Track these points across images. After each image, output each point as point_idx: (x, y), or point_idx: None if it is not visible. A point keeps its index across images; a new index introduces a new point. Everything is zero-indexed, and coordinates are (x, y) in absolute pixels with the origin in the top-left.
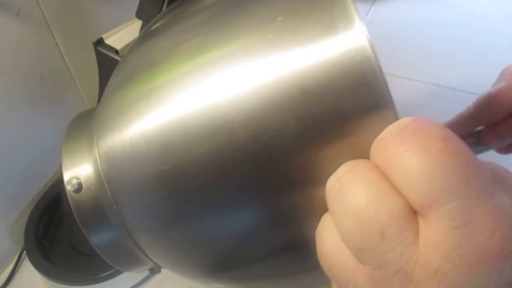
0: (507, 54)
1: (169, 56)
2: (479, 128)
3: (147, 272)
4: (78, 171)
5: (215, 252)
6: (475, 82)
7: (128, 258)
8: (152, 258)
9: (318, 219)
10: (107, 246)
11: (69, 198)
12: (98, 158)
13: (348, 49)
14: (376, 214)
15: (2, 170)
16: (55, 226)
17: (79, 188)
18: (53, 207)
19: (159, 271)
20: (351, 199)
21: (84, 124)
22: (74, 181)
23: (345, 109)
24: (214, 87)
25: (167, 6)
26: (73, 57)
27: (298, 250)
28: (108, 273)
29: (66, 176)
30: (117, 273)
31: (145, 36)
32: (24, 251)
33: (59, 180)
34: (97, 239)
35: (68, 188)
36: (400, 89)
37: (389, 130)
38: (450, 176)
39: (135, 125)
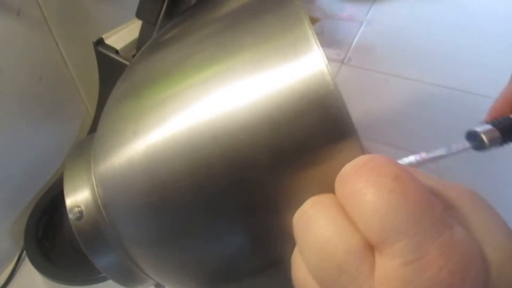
0: (507, 54)
1: (151, 85)
2: None
3: None
4: (79, 198)
5: (205, 271)
6: (475, 82)
7: (133, 278)
8: (153, 277)
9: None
10: (111, 269)
11: (72, 226)
12: (94, 184)
13: (311, 84)
14: (335, 251)
15: (2, 170)
16: (55, 226)
17: (80, 216)
18: (53, 207)
19: (164, 286)
20: (313, 235)
21: (83, 150)
22: (76, 209)
23: (312, 141)
24: (192, 119)
25: (167, 6)
26: (73, 57)
27: (284, 267)
28: None
29: (68, 203)
30: None
31: (131, 66)
32: (24, 251)
33: (59, 180)
34: (102, 262)
35: (71, 216)
36: (400, 89)
37: (348, 168)
38: (400, 215)
39: (123, 154)
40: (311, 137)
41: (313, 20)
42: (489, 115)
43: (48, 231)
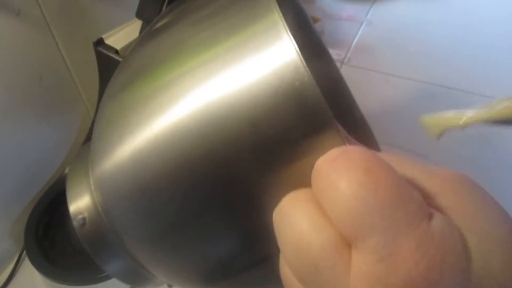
0: (507, 54)
1: (131, 85)
2: None
3: None
4: (81, 205)
5: (200, 269)
6: (475, 82)
7: (142, 278)
8: (157, 276)
9: None
10: (119, 271)
11: (77, 233)
12: (93, 190)
13: (285, 75)
14: (310, 248)
15: (2, 170)
16: (55, 226)
17: (84, 223)
18: (53, 207)
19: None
20: (289, 232)
21: (82, 156)
22: (79, 217)
23: (291, 134)
24: (172, 122)
25: (167, 6)
26: (73, 57)
27: (276, 261)
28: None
29: (71, 211)
30: None
31: (122, 64)
32: (24, 251)
33: (59, 180)
34: (109, 266)
35: (75, 223)
36: (400, 89)
37: (321, 160)
38: (370, 209)
39: (113, 157)
40: (289, 131)
41: (314, 20)
42: None
43: (48, 231)
